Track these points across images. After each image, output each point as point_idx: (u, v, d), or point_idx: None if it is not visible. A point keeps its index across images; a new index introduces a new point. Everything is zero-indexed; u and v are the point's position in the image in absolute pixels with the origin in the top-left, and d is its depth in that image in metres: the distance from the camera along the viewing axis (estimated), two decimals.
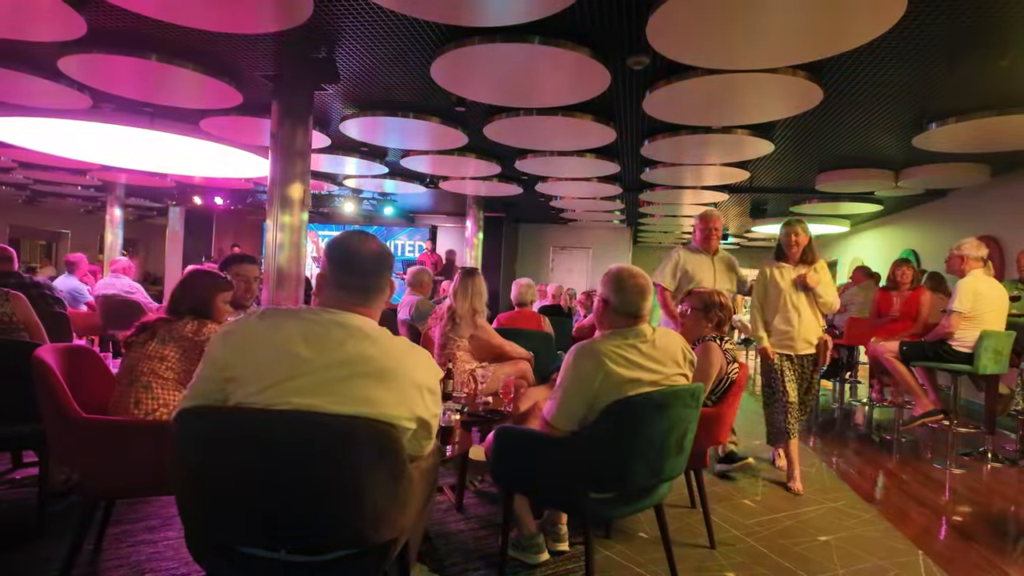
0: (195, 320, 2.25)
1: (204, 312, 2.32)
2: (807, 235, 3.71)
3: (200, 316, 2.29)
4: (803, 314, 3.62)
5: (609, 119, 5.23)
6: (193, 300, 2.31)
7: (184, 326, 2.22)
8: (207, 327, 2.25)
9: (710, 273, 4.03)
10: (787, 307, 3.64)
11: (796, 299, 3.63)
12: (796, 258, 3.72)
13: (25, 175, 9.77)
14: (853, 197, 8.15)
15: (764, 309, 3.75)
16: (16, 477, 3.06)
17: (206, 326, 2.25)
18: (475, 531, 2.76)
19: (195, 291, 2.33)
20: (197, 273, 2.41)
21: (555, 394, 1.97)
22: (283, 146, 4.70)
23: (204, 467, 1.42)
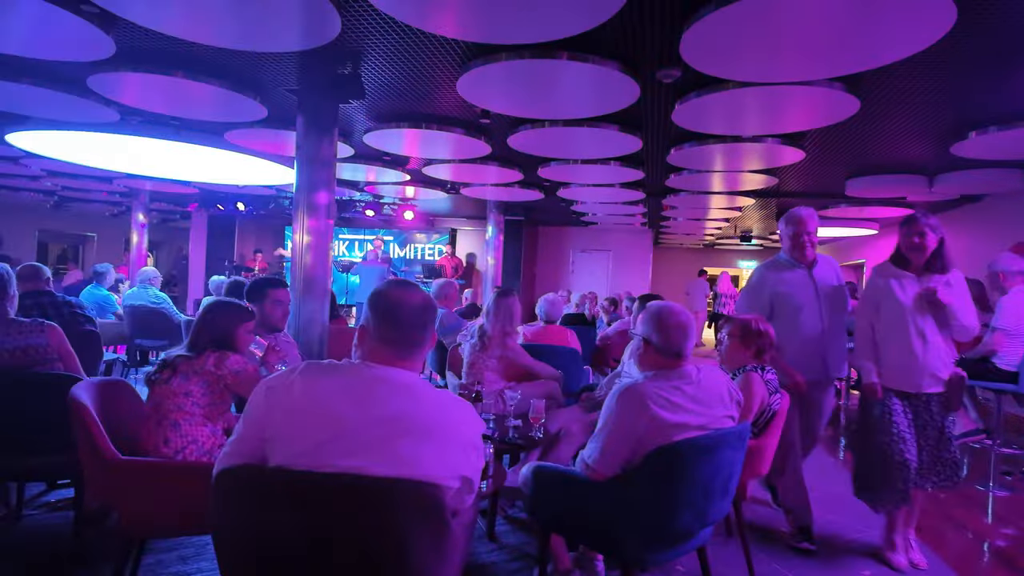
0: (215, 352, 2.23)
1: (225, 344, 2.29)
2: (937, 235, 2.79)
3: (221, 348, 2.26)
4: (930, 340, 2.75)
5: (636, 129, 5.14)
6: (213, 333, 2.29)
7: (206, 360, 2.19)
8: (228, 359, 2.22)
9: (810, 292, 3.14)
10: (908, 330, 2.76)
11: (922, 320, 2.77)
12: (922, 266, 2.81)
13: (54, 183, 9.93)
14: (883, 202, 7.96)
15: (874, 330, 2.89)
16: (51, 500, 3.08)
17: (227, 358, 2.22)
18: (508, 563, 2.71)
19: (216, 324, 2.31)
20: (217, 306, 2.38)
21: (597, 437, 1.91)
22: (308, 157, 4.70)
23: (244, 529, 1.39)
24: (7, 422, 2.37)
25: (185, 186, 9.68)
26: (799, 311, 3.09)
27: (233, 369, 2.19)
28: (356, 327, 5.17)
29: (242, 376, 2.21)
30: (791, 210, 3.28)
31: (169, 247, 18.39)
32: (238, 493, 1.38)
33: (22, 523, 2.83)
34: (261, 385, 1.42)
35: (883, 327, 2.85)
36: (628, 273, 13.25)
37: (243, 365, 2.23)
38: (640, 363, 1.98)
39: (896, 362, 2.80)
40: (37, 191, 11.28)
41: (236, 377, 2.20)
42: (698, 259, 15.97)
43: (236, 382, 2.21)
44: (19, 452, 2.42)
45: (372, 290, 1.50)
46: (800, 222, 3.18)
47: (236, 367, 2.20)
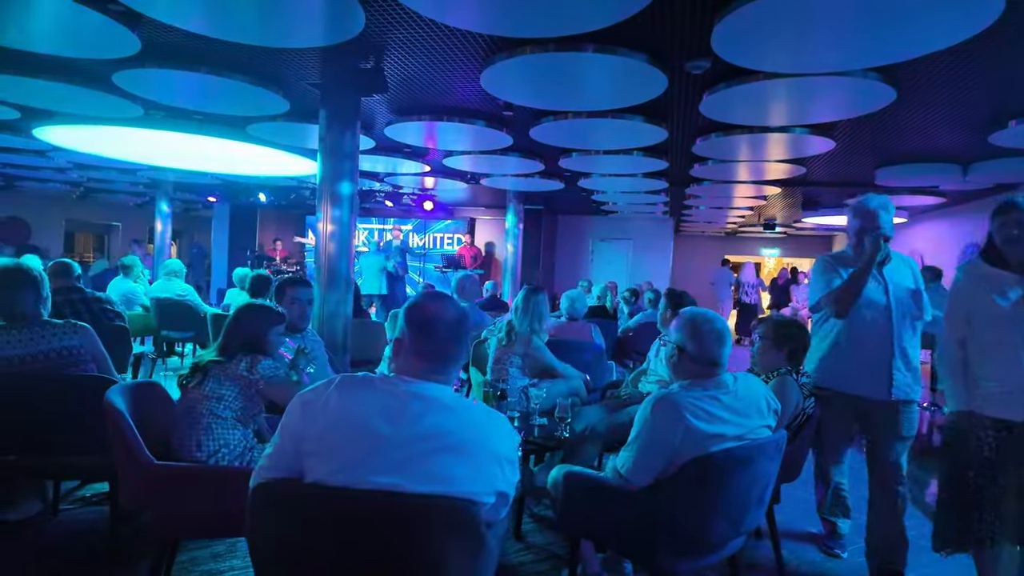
0: (247, 357, 2.23)
1: (256, 348, 2.29)
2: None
3: (252, 352, 2.27)
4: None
5: (661, 120, 5.05)
6: (244, 337, 2.29)
7: (237, 365, 2.20)
8: (259, 363, 2.22)
9: (877, 294, 2.63)
10: (1014, 344, 2.17)
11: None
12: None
13: (80, 174, 10.08)
14: (913, 191, 7.76)
15: (965, 346, 2.30)
16: (85, 495, 3.14)
17: (259, 362, 2.22)
18: (536, 563, 2.71)
19: (247, 328, 2.30)
20: (247, 309, 2.38)
21: (630, 446, 1.88)
22: (331, 149, 4.70)
23: (280, 543, 1.39)
24: (43, 424, 2.40)
25: (208, 177, 9.76)
26: (861, 315, 2.61)
27: (265, 375, 2.20)
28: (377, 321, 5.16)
29: (273, 382, 2.22)
30: (858, 200, 2.74)
31: (192, 236, 18.64)
32: (275, 508, 1.38)
33: (59, 518, 2.89)
34: (297, 399, 1.41)
35: (977, 341, 2.27)
36: (649, 262, 13.13)
37: (274, 370, 2.24)
38: (675, 371, 1.94)
39: (997, 385, 2.20)
40: (64, 182, 11.46)
41: (268, 383, 2.21)
42: (720, 247, 15.77)
43: (267, 387, 2.22)
44: (55, 452, 2.46)
45: (408, 303, 1.49)
46: (867, 216, 2.62)
47: (268, 372, 2.21)
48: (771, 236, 14.93)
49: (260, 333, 2.31)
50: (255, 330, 2.31)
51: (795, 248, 15.92)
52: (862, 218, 2.66)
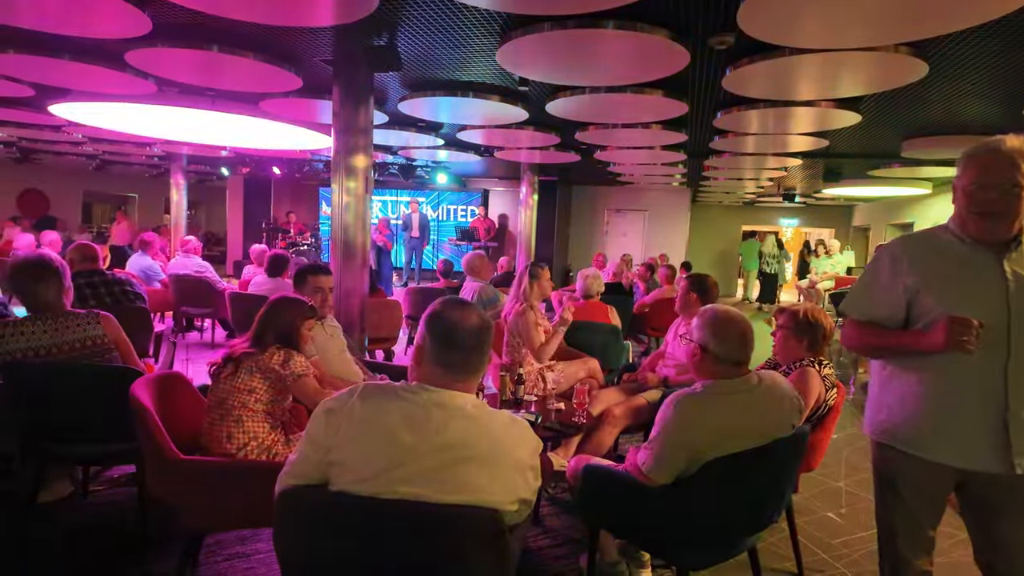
0: (281, 351, 2.24)
1: (289, 341, 2.31)
2: None
3: (285, 345, 2.28)
4: None
5: (682, 94, 4.91)
6: (278, 330, 2.30)
7: (271, 358, 2.22)
8: (294, 359, 2.24)
9: (996, 303, 1.62)
10: None
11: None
12: None
13: (95, 148, 10.10)
14: (940, 162, 7.54)
15: None
16: (113, 475, 3.22)
17: (292, 358, 2.24)
18: (554, 548, 2.74)
19: (280, 321, 2.31)
20: (281, 302, 2.38)
21: (652, 445, 1.88)
22: (345, 124, 4.65)
23: (306, 549, 1.41)
24: (71, 412, 2.45)
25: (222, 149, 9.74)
26: None
27: (296, 372, 2.22)
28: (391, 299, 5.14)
29: (301, 382, 2.24)
30: (984, 143, 1.66)
31: (208, 207, 18.72)
32: (301, 515, 1.40)
33: (89, 500, 2.97)
34: (321, 408, 1.42)
35: None
36: (664, 233, 12.99)
37: (305, 369, 2.26)
38: (697, 371, 1.92)
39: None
40: (80, 155, 11.51)
41: (297, 382, 2.23)
42: (737, 217, 15.54)
43: (295, 386, 2.24)
44: (83, 440, 2.52)
45: (429, 310, 1.47)
46: (994, 165, 1.60)
47: (299, 371, 2.23)
48: (790, 206, 14.67)
49: (293, 326, 2.33)
50: (289, 323, 2.32)
51: (814, 218, 15.65)
52: (984, 170, 1.62)
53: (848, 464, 3.89)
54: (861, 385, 6.32)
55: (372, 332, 5.05)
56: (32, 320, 2.45)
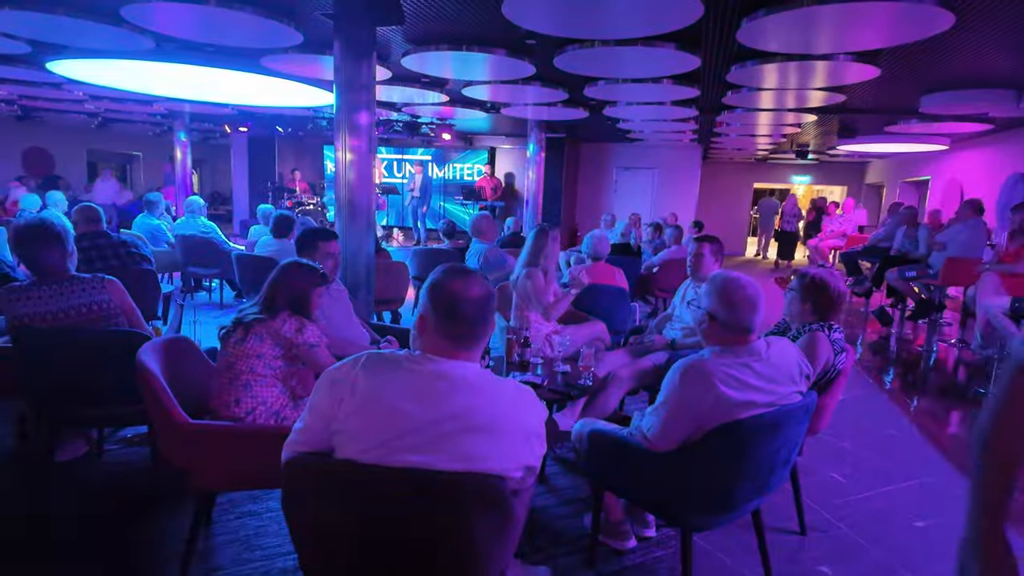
0: (293, 318, 2.23)
1: (301, 307, 2.28)
2: None
3: (296, 311, 2.26)
4: None
5: (695, 47, 4.74)
6: (289, 295, 2.27)
7: (282, 324, 2.20)
8: (306, 329, 2.22)
9: None
10: None
11: None
12: None
13: (96, 105, 9.96)
14: (959, 118, 7.32)
15: None
16: (127, 435, 3.28)
17: (306, 327, 2.22)
18: (559, 507, 2.79)
19: (292, 287, 2.28)
20: (293, 267, 2.35)
21: (658, 411, 1.87)
22: (347, 81, 4.54)
23: (314, 515, 1.43)
24: (81, 376, 2.47)
25: (224, 107, 9.59)
26: None
27: (309, 342, 2.21)
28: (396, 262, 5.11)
29: (313, 352, 2.23)
30: None
31: (212, 165, 18.57)
32: (308, 483, 1.41)
33: (104, 459, 3.04)
34: (325, 378, 1.41)
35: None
36: (674, 191, 12.80)
37: (318, 339, 2.24)
38: (705, 338, 1.90)
39: None
40: (81, 113, 11.37)
41: (309, 351, 2.22)
42: (748, 174, 15.28)
43: (306, 355, 2.23)
44: (93, 402, 2.55)
45: (430, 280, 1.44)
46: None
47: (312, 340, 2.21)
48: (802, 163, 14.40)
49: (306, 292, 2.30)
50: (301, 289, 2.29)
51: (827, 176, 15.37)
52: None
53: (853, 425, 3.90)
54: (867, 346, 6.30)
55: (379, 293, 5.04)
56: (37, 285, 2.45)
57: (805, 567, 2.42)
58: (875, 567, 2.44)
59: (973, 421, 4.20)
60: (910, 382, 5.13)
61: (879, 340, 6.58)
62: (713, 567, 2.39)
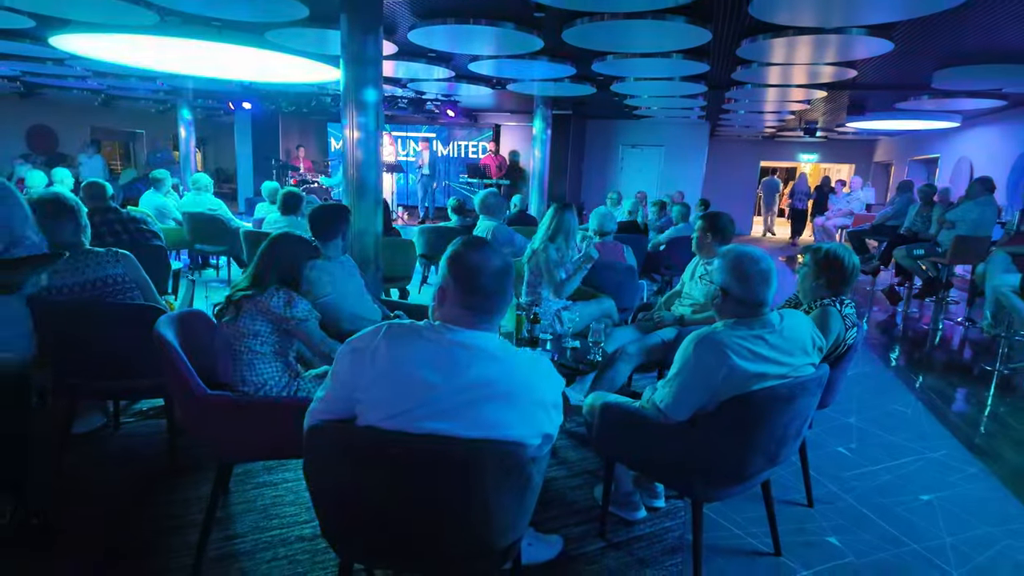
0: (281, 290, 2.19)
1: (291, 281, 2.25)
2: None
3: (286, 285, 2.23)
4: None
5: (706, 20, 4.67)
6: (280, 269, 2.24)
7: (270, 299, 2.16)
8: (296, 304, 2.18)
9: None
10: None
11: None
12: None
13: (99, 82, 9.90)
14: (973, 94, 7.22)
15: None
16: (142, 409, 3.32)
17: (295, 303, 2.18)
18: (570, 479, 2.83)
19: (283, 260, 2.25)
20: (284, 240, 2.31)
21: (671, 383, 1.89)
22: (354, 56, 4.50)
23: (336, 481, 1.46)
24: (95, 350, 2.50)
25: (228, 84, 9.52)
26: None
27: (298, 316, 2.19)
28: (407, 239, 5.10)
29: (303, 327, 2.21)
30: None
31: (216, 142, 18.48)
32: (330, 449, 1.44)
33: (121, 432, 3.08)
34: (346, 347, 1.43)
35: None
36: (681, 168, 12.70)
37: (307, 313, 2.22)
38: (719, 312, 1.90)
39: None
40: (85, 89, 11.31)
41: (298, 326, 2.20)
42: (756, 151, 15.13)
43: (298, 330, 2.21)
44: (110, 376, 2.58)
45: (450, 251, 1.45)
46: None
47: (301, 315, 2.19)
48: (810, 141, 14.26)
49: (296, 266, 2.28)
50: (291, 262, 2.27)
51: (835, 153, 15.22)
52: None
53: (860, 401, 3.93)
54: (874, 324, 6.31)
55: (387, 270, 5.06)
56: (51, 259, 2.46)
57: (812, 537, 2.46)
58: (881, 538, 2.47)
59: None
60: (916, 359, 5.14)
61: (886, 318, 6.58)
62: (722, 537, 2.43)
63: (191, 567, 2.05)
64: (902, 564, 2.31)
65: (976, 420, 3.83)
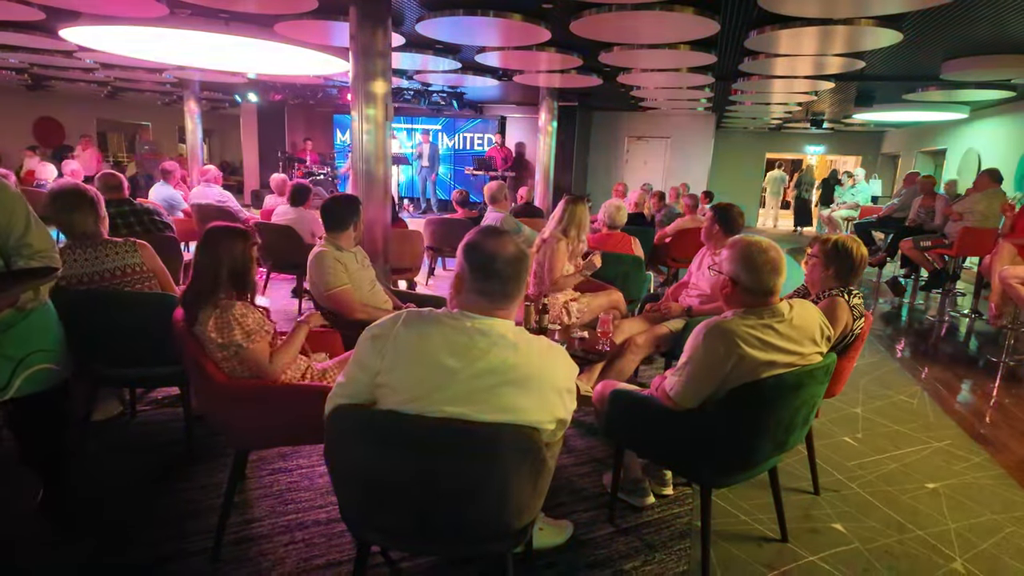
0: (236, 304, 2.04)
1: (243, 280, 2.08)
2: None
3: (239, 286, 2.08)
4: None
5: (714, 11, 4.67)
6: (232, 269, 2.04)
7: (227, 313, 2.00)
8: (234, 324, 2.00)
9: None
10: None
11: None
12: None
13: (106, 74, 9.93)
14: (982, 84, 7.19)
15: None
16: (158, 397, 3.38)
17: (233, 323, 2.00)
18: (578, 467, 2.86)
19: (232, 257, 2.04)
20: (220, 233, 2.06)
21: (681, 371, 1.92)
22: (363, 47, 4.53)
23: (357, 462, 1.50)
24: (114, 338, 2.54)
25: (235, 76, 9.54)
26: None
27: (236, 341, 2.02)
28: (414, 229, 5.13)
29: (242, 353, 2.04)
30: None
31: (221, 135, 18.52)
32: (351, 432, 1.48)
33: (137, 420, 3.14)
34: (367, 333, 1.47)
35: None
36: (687, 160, 12.66)
37: (253, 329, 2.04)
38: (728, 303, 1.93)
39: None
40: (91, 82, 11.35)
41: (238, 352, 2.04)
42: (762, 143, 15.08)
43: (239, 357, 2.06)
44: (127, 363, 2.63)
45: (466, 239, 1.49)
46: None
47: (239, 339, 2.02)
48: (817, 133, 14.20)
49: (247, 258, 2.07)
50: (241, 256, 2.05)
51: (841, 145, 15.15)
52: None
53: (865, 392, 3.96)
54: (880, 315, 6.32)
55: (394, 262, 5.10)
56: (72, 248, 2.51)
57: (819, 524, 2.50)
58: (886, 525, 2.51)
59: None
60: (922, 351, 5.16)
61: (892, 310, 6.60)
62: (730, 523, 2.47)
63: (211, 549, 2.10)
64: (907, 550, 2.35)
65: (981, 411, 3.86)
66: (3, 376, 1.90)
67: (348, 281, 2.95)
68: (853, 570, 2.21)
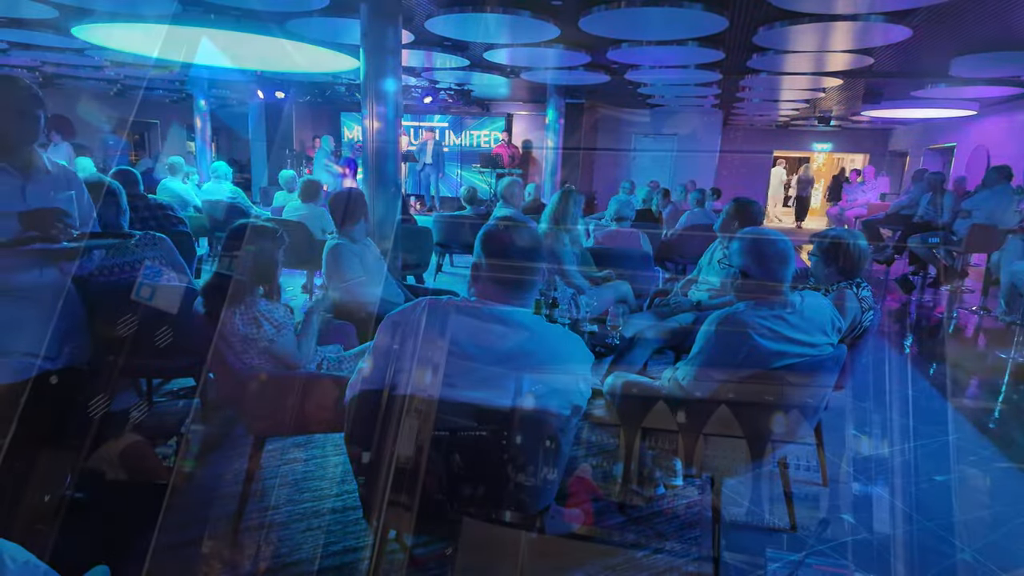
0: (261, 300, 2.13)
1: (268, 276, 2.16)
2: None
3: (264, 280, 2.16)
4: None
5: (722, 7, 4.68)
6: (258, 266, 2.13)
7: (252, 309, 2.09)
8: (277, 308, 2.13)
9: None
10: None
11: None
12: None
13: (116, 72, 10.01)
14: (991, 81, 7.16)
15: None
16: (173, 389, 3.43)
17: (275, 306, 2.13)
18: (587, 458, 2.90)
19: (260, 254, 2.11)
20: (248, 233, 2.11)
21: (693, 361, 1.95)
22: (374, 45, 4.56)
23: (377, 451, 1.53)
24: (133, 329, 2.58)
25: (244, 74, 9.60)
26: None
27: (268, 336, 2.13)
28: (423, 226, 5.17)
29: (273, 347, 2.13)
30: None
31: (229, 132, 18.59)
32: (373, 416, 1.51)
33: (154, 410, 3.18)
34: (387, 321, 1.51)
35: None
36: (693, 157, 12.64)
37: (284, 317, 2.16)
38: (739, 295, 1.96)
39: None
40: (101, 80, 11.42)
41: (270, 347, 2.14)
42: (768, 140, 15.04)
43: (268, 350, 2.16)
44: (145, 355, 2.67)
45: (483, 231, 1.52)
46: None
47: (269, 333, 2.12)
48: (824, 130, 14.15)
49: (274, 256, 2.15)
50: (269, 255, 2.13)
51: (849, 142, 15.10)
52: None
53: (875, 386, 3.96)
54: (889, 312, 6.31)
55: (404, 258, 5.14)
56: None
57: (828, 514, 2.52)
58: (894, 515, 2.53)
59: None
60: (931, 347, 5.16)
61: (900, 307, 6.59)
62: (739, 512, 2.50)
63: (230, 535, 2.15)
64: (916, 541, 2.37)
65: (990, 406, 3.86)
66: (53, 348, 1.94)
67: (364, 273, 2.99)
68: (862, 560, 2.24)
